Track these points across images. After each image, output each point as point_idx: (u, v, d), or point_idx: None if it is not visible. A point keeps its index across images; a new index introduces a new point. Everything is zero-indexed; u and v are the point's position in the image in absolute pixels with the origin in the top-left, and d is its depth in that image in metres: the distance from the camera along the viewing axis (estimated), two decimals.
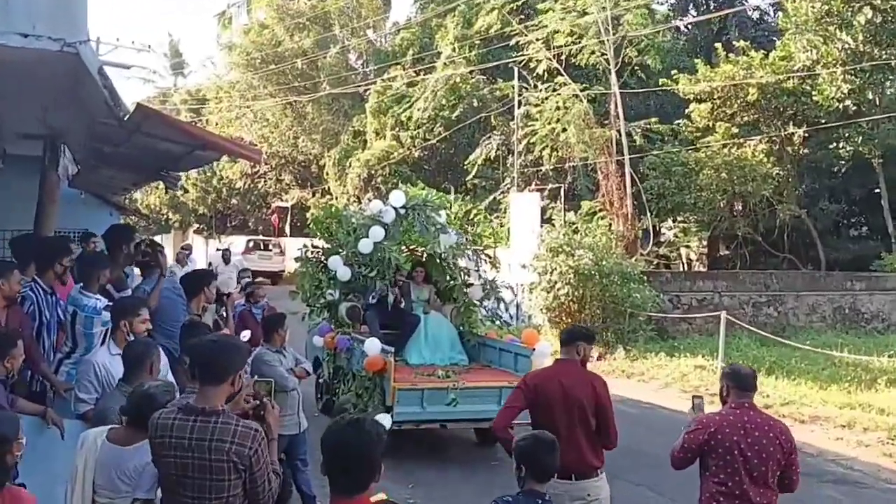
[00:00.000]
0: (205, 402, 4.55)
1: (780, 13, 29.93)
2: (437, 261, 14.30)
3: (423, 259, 14.59)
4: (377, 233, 13.15)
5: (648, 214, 28.03)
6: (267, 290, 14.63)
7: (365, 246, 13.14)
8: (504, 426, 6.58)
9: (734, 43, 29.98)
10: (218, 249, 45.30)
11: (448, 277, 14.30)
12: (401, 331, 13.55)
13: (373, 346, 11.39)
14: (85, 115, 8.15)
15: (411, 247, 14.79)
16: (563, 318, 21.61)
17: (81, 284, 7.87)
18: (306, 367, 9.55)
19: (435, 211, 13.51)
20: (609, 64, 28.18)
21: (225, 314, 10.17)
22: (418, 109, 34.37)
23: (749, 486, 5.87)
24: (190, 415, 4.53)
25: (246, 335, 10.43)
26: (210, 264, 25.78)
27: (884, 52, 26.01)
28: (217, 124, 47.10)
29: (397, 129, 36.76)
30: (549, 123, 28.53)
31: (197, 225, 56.38)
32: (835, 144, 28.44)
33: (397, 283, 13.82)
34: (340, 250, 13.54)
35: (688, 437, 6.07)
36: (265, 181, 49.90)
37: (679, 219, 31.69)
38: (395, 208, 13.35)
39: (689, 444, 6.05)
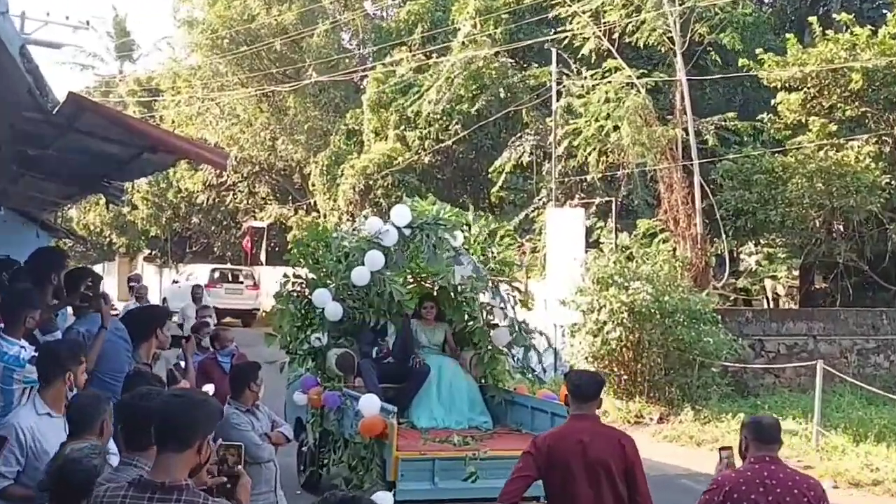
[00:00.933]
0: (163, 474, 4.50)
1: None
2: (452, 295, 14.30)
3: (435, 292, 14.59)
4: (375, 259, 13.17)
5: (723, 236, 27.93)
6: (236, 332, 14.66)
7: (360, 276, 13.15)
8: (508, 501, 6.85)
9: (833, 16, 29.93)
10: (174, 282, 45.57)
11: (466, 317, 14.30)
12: (406, 384, 13.54)
13: (370, 404, 11.39)
14: (3, 108, 8.20)
15: (420, 276, 14.81)
16: (615, 369, 21.55)
17: (2, 327, 7.87)
18: (285, 431, 9.54)
19: (449, 232, 13.52)
20: (674, 44, 28.19)
21: (184, 363, 10.18)
22: (429, 102, 34.43)
23: None
24: (145, 491, 4.47)
25: (209, 390, 10.44)
26: (164, 301, 25.84)
27: None
28: (173, 121, 47.31)
29: (402, 127, 36.85)
30: (597, 120, 28.52)
31: (148, 250, 56.57)
32: None
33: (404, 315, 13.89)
34: (329, 282, 13.55)
35: (703, 497, 6.49)
36: (235, 194, 50.06)
37: (763, 241, 31.56)
38: (398, 228, 13.37)
39: None
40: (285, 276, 14.27)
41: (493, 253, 14.55)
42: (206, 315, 16.73)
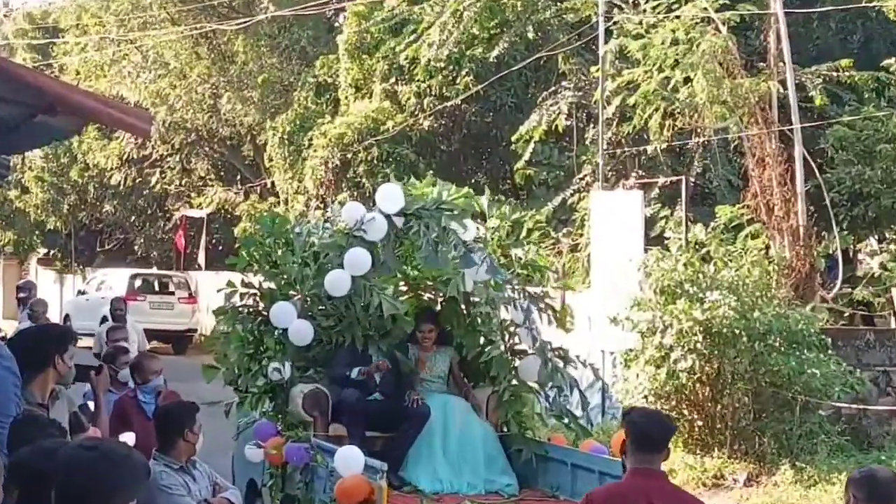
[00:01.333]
0: None
1: None
2: (462, 309, 14.29)
3: (438, 305, 14.58)
4: (359, 260, 13.11)
5: (835, 228, 27.94)
6: (166, 361, 14.65)
7: (336, 284, 13.12)
8: None
9: None
10: (81, 292, 45.62)
11: (481, 339, 14.28)
12: (399, 432, 13.52)
13: (350, 459, 11.37)
14: None
15: (417, 283, 14.83)
16: (685, 412, 21.52)
17: None
18: (232, 497, 9.56)
19: (457, 220, 13.52)
20: None
21: (93, 404, 10.18)
22: (429, 46, 34.46)
23: None
24: None
25: (128, 440, 10.45)
26: (66, 318, 25.92)
27: None
28: (78, 73, 47.38)
29: (393, 80, 36.90)
30: (661, 69, 28.51)
31: (44, 250, 56.60)
32: None
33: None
34: (292, 293, 13.56)
35: None
36: (163, 173, 50.09)
37: (889, 236, 31.57)
38: (386, 216, 13.36)
39: None
40: (230, 284, 14.24)
41: (517, 254, 14.55)
42: (121, 338, 16.71)
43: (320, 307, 13.47)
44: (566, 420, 14.47)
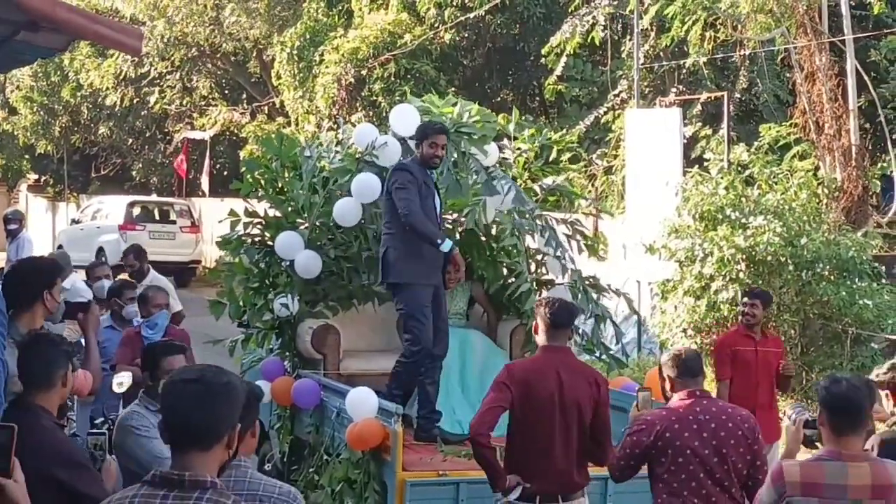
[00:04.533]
0: (185, 470, 4.95)
1: None
2: (483, 240, 14.26)
3: (457, 235, 14.57)
4: (368, 186, 13.01)
5: (890, 147, 27.84)
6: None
7: (345, 212, 13.05)
8: (486, 431, 9.37)
9: None
10: (75, 221, 45.71)
11: (504, 270, 14.26)
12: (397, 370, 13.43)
13: (363, 401, 11.36)
14: None
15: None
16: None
17: None
18: None
19: (478, 144, 13.47)
20: None
21: (84, 341, 10.21)
22: None
23: (712, 490, 8.50)
24: (159, 488, 4.92)
25: (123, 380, 10.49)
26: (59, 248, 25.93)
27: None
28: None
29: None
30: None
31: (34, 176, 56.62)
32: None
33: None
34: (300, 221, 13.54)
35: (630, 439, 8.70)
36: (162, 92, 49.94)
37: None
38: (400, 139, 13.30)
39: (633, 447, 8.67)
40: (232, 213, 14.20)
41: (546, 182, 14.51)
42: (103, 275, 16.45)
43: (329, 237, 13.44)
44: (598, 353, 14.37)
